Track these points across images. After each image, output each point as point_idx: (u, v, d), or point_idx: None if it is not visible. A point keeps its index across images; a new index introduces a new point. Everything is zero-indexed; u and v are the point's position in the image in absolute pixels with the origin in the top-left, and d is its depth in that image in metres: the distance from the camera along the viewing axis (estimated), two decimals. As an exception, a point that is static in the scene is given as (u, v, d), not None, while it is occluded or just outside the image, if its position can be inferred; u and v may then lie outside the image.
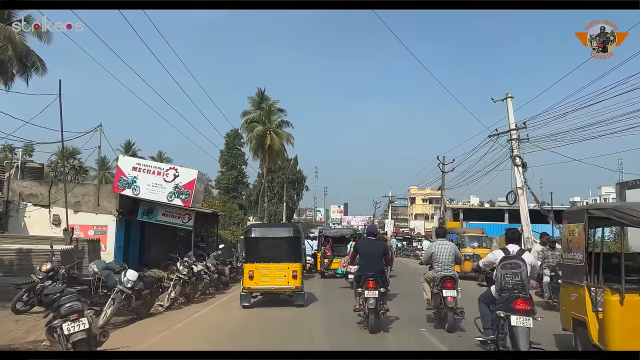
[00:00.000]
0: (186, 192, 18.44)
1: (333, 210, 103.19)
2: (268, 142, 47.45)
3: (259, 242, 12.55)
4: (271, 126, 48.31)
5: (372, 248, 9.38)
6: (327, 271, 20.79)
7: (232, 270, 18.95)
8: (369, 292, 8.61)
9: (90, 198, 18.86)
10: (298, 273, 12.16)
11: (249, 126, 48.60)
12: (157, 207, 18.87)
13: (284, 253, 12.29)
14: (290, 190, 68.79)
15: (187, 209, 18.79)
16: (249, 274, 12.09)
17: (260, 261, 12.18)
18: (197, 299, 14.13)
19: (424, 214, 69.71)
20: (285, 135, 49.15)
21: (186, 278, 12.99)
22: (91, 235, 18.54)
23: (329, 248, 21.05)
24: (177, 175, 18.56)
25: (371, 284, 8.67)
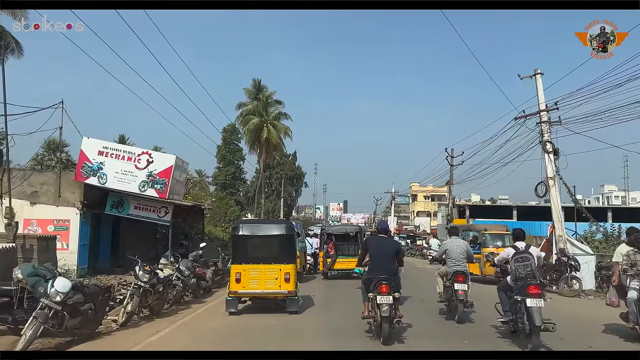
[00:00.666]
0: (162, 181, 15.40)
1: (332, 207, 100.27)
2: (265, 135, 44.31)
3: (247, 241, 10.93)
4: (268, 118, 45.17)
5: (384, 247, 8.21)
6: (330, 272, 18.93)
7: (216, 273, 15.90)
8: (382, 298, 7.50)
9: (50, 188, 15.81)
10: (291, 276, 10.60)
11: (244, 119, 45.47)
12: (128, 198, 15.82)
13: (275, 253, 10.80)
14: (289, 187, 65.77)
15: (163, 201, 15.74)
16: (236, 277, 10.51)
17: (249, 262, 10.63)
18: (165, 311, 11.10)
19: (426, 211, 66.75)
20: (283, 128, 45.98)
21: (147, 286, 9.95)
22: (51, 231, 15.50)
23: (331, 246, 19.19)
24: (151, 161, 15.51)
25: (384, 287, 7.54)
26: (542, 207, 52.76)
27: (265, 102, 45.71)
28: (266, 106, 45.77)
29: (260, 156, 46.37)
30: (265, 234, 11.10)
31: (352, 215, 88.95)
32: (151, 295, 10.20)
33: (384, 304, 7.42)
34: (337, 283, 17.54)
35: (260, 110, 45.55)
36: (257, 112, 45.56)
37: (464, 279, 9.55)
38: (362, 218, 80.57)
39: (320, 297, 13.45)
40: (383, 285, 7.55)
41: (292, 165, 66.46)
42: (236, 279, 10.49)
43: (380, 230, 8.65)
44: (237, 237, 11.04)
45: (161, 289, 10.69)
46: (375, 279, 7.69)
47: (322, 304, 12.41)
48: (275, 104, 47.05)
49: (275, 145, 45.75)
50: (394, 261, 8.11)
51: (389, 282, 7.60)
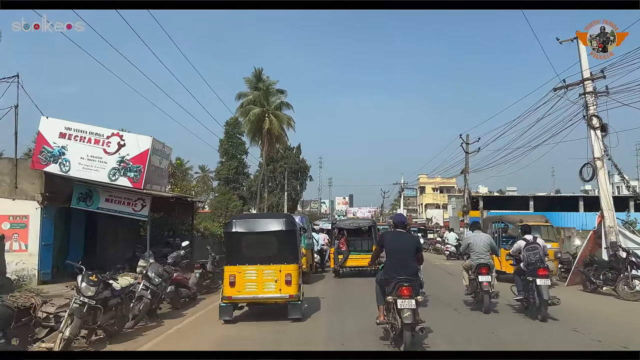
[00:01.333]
0: (136, 168, 12.69)
1: (338, 201, 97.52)
2: (267, 125, 41.47)
3: (241, 239, 9.51)
4: (269, 108, 42.30)
5: (403, 243, 7.11)
6: (342, 269, 17.23)
7: (204, 276, 13.17)
8: (404, 302, 6.47)
9: (5, 178, 13.08)
10: (293, 277, 9.16)
11: (244, 109, 42.66)
12: (97, 190, 13.06)
13: (274, 252, 9.42)
14: (293, 181, 62.91)
15: (138, 192, 12.97)
16: (230, 280, 9.17)
17: (244, 263, 9.27)
18: (128, 331, 8.39)
19: (434, 203, 63.77)
20: (286, 119, 43.10)
21: (94, 302, 7.22)
22: (6, 229, 12.81)
23: (343, 242, 17.67)
24: (123, 144, 12.76)
25: (406, 290, 6.53)
26: (560, 197, 49.87)
27: (266, 91, 42.85)
28: (267, 96, 42.91)
29: (263, 148, 43.54)
30: (262, 230, 9.49)
31: (358, 209, 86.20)
32: (101, 314, 7.46)
33: (405, 309, 6.41)
34: (348, 282, 15.77)
35: (261, 100, 42.71)
36: (258, 102, 42.74)
37: (488, 270, 9.83)
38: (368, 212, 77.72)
39: (328, 300, 11.78)
40: (404, 287, 6.54)
41: (296, 159, 63.57)
42: (230, 282, 9.09)
43: (398, 224, 7.49)
44: (231, 234, 9.50)
45: (118, 304, 7.96)
46: (394, 280, 6.67)
47: (330, 307, 10.84)
48: (277, 93, 44.17)
49: (278, 136, 42.92)
50: (415, 259, 7.07)
51: (411, 284, 6.59)
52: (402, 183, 48.04)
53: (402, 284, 6.56)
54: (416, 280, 6.88)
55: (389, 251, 7.06)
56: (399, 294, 6.53)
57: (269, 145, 43.41)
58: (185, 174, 22.64)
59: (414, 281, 6.71)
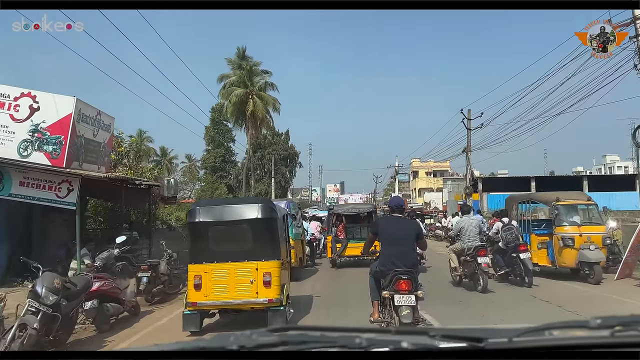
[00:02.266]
0: (55, 140, 9.24)
1: (329, 189, 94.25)
2: (250, 107, 37.97)
3: (208, 230, 7.55)
4: (253, 89, 38.76)
5: (402, 230, 6.02)
6: (339, 259, 15.67)
7: (154, 282, 9.88)
8: (402, 298, 5.59)
9: None
10: (274, 277, 7.23)
11: (226, 91, 39.08)
12: (8, 170, 9.57)
13: (249, 246, 7.47)
14: (282, 168, 59.47)
15: (61, 173, 9.52)
16: (195, 282, 7.26)
17: (213, 260, 7.35)
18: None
19: (428, 188, 60.74)
20: (271, 100, 39.59)
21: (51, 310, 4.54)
22: None
23: (341, 229, 16.17)
24: (37, 107, 9.36)
25: (404, 284, 5.63)
26: (565, 177, 47.02)
27: (250, 71, 39.24)
28: (251, 76, 39.31)
29: (247, 132, 40.07)
30: (233, 218, 7.61)
31: (350, 196, 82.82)
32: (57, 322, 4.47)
33: (404, 306, 5.56)
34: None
35: (245, 80, 39.10)
36: (241, 83, 39.16)
37: (486, 252, 10.22)
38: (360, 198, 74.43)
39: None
40: (403, 281, 5.64)
41: (285, 145, 60.08)
42: (195, 284, 7.33)
43: (395, 208, 6.38)
44: (195, 225, 7.59)
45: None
46: (391, 272, 5.74)
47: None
48: (262, 73, 40.60)
49: (262, 119, 39.41)
50: (414, 248, 6.19)
51: (411, 277, 5.68)
52: (396, 166, 44.68)
53: (400, 277, 5.73)
54: (416, 272, 5.96)
55: (384, 239, 6.15)
56: (396, 289, 5.71)
57: (253, 129, 39.94)
58: (142, 154, 18.72)
59: (413, 273, 5.83)
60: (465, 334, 1.30)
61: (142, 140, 65.17)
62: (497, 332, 1.31)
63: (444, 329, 1.51)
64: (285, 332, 1.51)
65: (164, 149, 67.19)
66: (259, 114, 38.40)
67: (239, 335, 1.42)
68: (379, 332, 1.57)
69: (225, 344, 1.33)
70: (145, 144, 65.36)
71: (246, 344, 1.32)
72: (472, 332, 1.30)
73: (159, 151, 66.32)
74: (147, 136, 64.45)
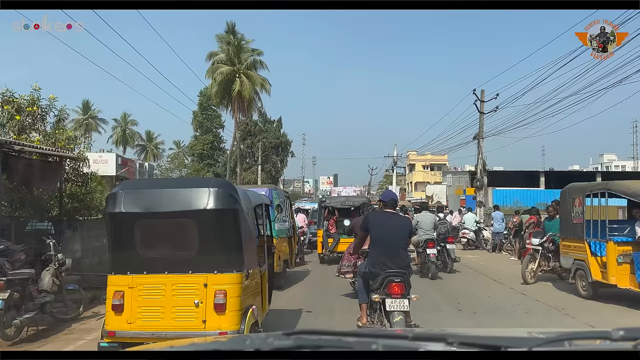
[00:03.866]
0: None
1: (322, 181, 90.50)
2: (237, 87, 33.89)
3: (135, 226, 4.88)
4: (241, 67, 34.60)
5: (393, 227, 5.38)
6: (330, 254, 14.34)
7: (22, 304, 5.85)
8: (394, 302, 5.04)
9: None
10: (231, 297, 4.69)
11: (212, 68, 34.90)
12: None
13: (195, 250, 4.90)
14: (273, 157, 55.40)
15: None
16: (115, 302, 4.76)
17: (141, 270, 4.86)
18: None
19: (425, 182, 56.87)
20: (259, 80, 35.45)
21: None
22: None
23: (332, 224, 15.02)
24: None
25: (397, 287, 5.06)
26: (576, 173, 43.36)
27: (237, 46, 35.01)
28: (238, 52, 35.10)
29: (233, 114, 35.92)
30: (172, 209, 4.78)
31: (343, 188, 79.12)
32: None
33: (396, 312, 5.01)
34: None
35: (232, 57, 34.89)
36: (229, 61, 34.98)
37: (434, 245, 11.15)
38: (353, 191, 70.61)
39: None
40: (395, 284, 5.06)
41: (276, 133, 56.02)
42: (115, 305, 4.70)
43: (388, 203, 5.59)
44: (115, 217, 4.87)
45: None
46: (382, 274, 5.13)
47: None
48: (251, 51, 36.35)
49: (250, 100, 35.24)
50: (406, 248, 5.59)
51: (404, 280, 5.10)
52: (395, 156, 40.64)
53: (392, 279, 5.07)
54: (409, 273, 5.30)
55: (375, 237, 5.39)
56: (388, 292, 5.07)
57: (240, 112, 35.79)
58: (63, 118, 14.09)
59: (406, 275, 5.19)
60: (484, 341, 1.28)
61: (126, 124, 61.19)
62: (516, 341, 1.31)
63: (462, 336, 1.37)
64: (302, 335, 1.42)
65: (149, 134, 63.11)
66: (246, 94, 34.33)
67: (254, 338, 1.47)
68: (396, 338, 1.53)
69: (241, 347, 1.35)
70: (130, 128, 61.42)
71: (262, 347, 1.31)
72: (490, 340, 1.29)
73: (145, 135, 62.28)
74: (132, 119, 60.39)
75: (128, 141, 58.82)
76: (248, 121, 52.08)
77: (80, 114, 54.96)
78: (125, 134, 58.30)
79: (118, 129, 58.26)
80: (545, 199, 29.37)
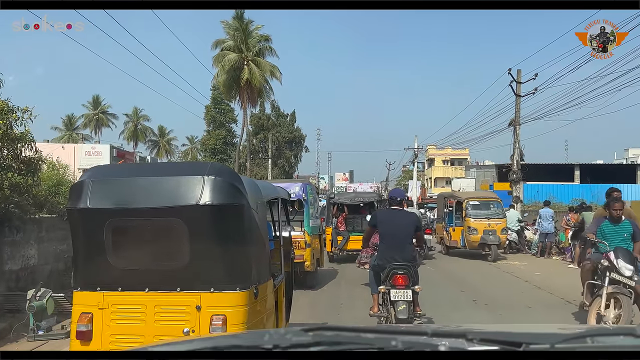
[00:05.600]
0: None
1: (338, 177, 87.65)
2: (245, 75, 31.15)
3: (106, 227, 3.67)
4: (249, 54, 31.81)
5: (400, 223, 5.68)
6: (340, 252, 13.36)
7: None
8: (398, 293, 5.36)
9: None
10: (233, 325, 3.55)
11: (219, 56, 32.22)
12: None
13: (185, 260, 3.70)
14: (287, 151, 52.71)
15: None
16: (81, 327, 3.66)
17: (115, 285, 3.74)
18: None
19: (445, 177, 53.48)
20: (269, 67, 32.60)
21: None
22: None
23: (341, 221, 13.86)
24: None
25: (401, 279, 5.40)
26: (613, 166, 39.75)
27: (245, 31, 32.20)
28: (246, 38, 32.28)
29: (242, 104, 33.19)
30: (154, 204, 3.67)
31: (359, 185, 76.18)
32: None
33: (400, 302, 5.31)
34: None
35: (239, 44, 32.12)
36: (236, 48, 32.23)
37: None
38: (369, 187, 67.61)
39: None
40: (399, 276, 5.40)
41: (290, 127, 53.29)
42: (81, 332, 3.69)
43: (394, 201, 5.95)
44: (79, 214, 3.80)
45: None
46: (388, 266, 5.48)
47: None
48: (260, 37, 33.54)
49: (260, 89, 32.47)
50: (412, 242, 5.82)
51: (408, 272, 5.45)
52: (415, 148, 37.26)
53: (396, 271, 5.41)
54: (414, 266, 5.64)
55: (382, 232, 5.78)
56: (392, 284, 5.42)
57: (250, 102, 33.03)
58: None
59: (410, 268, 5.52)
60: (505, 337, 1.26)
61: (138, 119, 59.19)
62: (538, 337, 1.29)
63: (482, 332, 1.35)
64: (320, 331, 1.40)
65: (162, 129, 61.01)
66: (255, 83, 31.55)
67: (272, 334, 1.41)
68: (416, 334, 1.47)
69: (260, 342, 1.31)
70: (142, 123, 59.39)
71: (280, 343, 1.29)
72: (511, 337, 1.27)
73: (157, 131, 60.17)
74: (144, 114, 58.32)
75: (139, 137, 56.79)
76: (261, 115, 49.59)
77: (90, 109, 53.16)
78: (137, 130, 56.24)
79: (129, 124, 56.31)
80: (580, 195, 26.04)
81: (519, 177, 19.81)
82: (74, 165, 21.49)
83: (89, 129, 52.50)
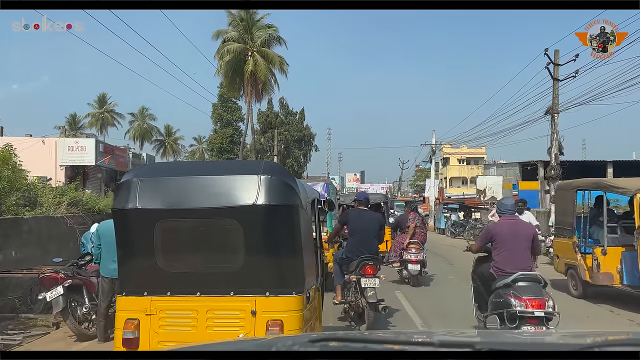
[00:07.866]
0: None
1: (348, 178, 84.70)
2: (250, 67, 28.52)
3: (154, 228, 3.51)
4: (253, 45, 29.14)
5: (367, 222, 6.53)
6: None
7: None
8: (368, 281, 6.13)
9: None
10: (290, 329, 3.45)
11: (222, 46, 29.64)
12: None
13: (239, 263, 3.57)
14: (296, 150, 50.07)
15: None
16: (128, 334, 3.45)
17: (164, 290, 3.56)
18: None
19: (460, 177, 50.34)
20: (277, 59, 29.88)
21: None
22: None
23: None
24: None
25: (370, 269, 6.17)
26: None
27: (249, 21, 29.53)
28: (251, 28, 29.62)
29: (246, 97, 30.53)
30: (207, 205, 3.52)
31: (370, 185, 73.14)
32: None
33: (369, 288, 6.07)
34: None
35: (243, 34, 29.47)
36: (240, 39, 29.59)
37: None
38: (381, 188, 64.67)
39: None
40: (369, 266, 6.19)
41: (299, 125, 50.66)
42: (127, 340, 3.47)
43: (361, 202, 6.88)
44: (127, 215, 3.59)
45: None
46: (358, 259, 6.25)
47: None
48: (265, 28, 30.87)
49: (265, 82, 29.78)
50: (376, 239, 6.59)
51: (375, 263, 6.31)
52: (433, 144, 34.11)
53: (366, 262, 6.21)
54: (378, 259, 6.58)
55: (351, 230, 6.56)
56: (362, 273, 6.17)
57: (255, 94, 30.35)
58: None
59: (377, 260, 6.42)
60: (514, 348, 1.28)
61: (144, 118, 57.06)
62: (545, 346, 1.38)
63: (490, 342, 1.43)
64: (327, 342, 1.39)
65: (168, 128, 58.78)
66: (260, 75, 28.87)
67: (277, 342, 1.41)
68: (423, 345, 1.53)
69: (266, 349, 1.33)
70: (148, 122, 57.27)
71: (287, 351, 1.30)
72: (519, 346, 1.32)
73: (163, 130, 57.98)
74: (150, 114, 56.15)
75: (145, 136, 54.65)
76: (269, 112, 47.11)
77: (96, 107, 51.17)
78: (143, 129, 54.10)
79: (135, 123, 54.23)
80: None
81: (558, 174, 16.78)
82: (55, 161, 19.11)
83: (95, 128, 50.47)
